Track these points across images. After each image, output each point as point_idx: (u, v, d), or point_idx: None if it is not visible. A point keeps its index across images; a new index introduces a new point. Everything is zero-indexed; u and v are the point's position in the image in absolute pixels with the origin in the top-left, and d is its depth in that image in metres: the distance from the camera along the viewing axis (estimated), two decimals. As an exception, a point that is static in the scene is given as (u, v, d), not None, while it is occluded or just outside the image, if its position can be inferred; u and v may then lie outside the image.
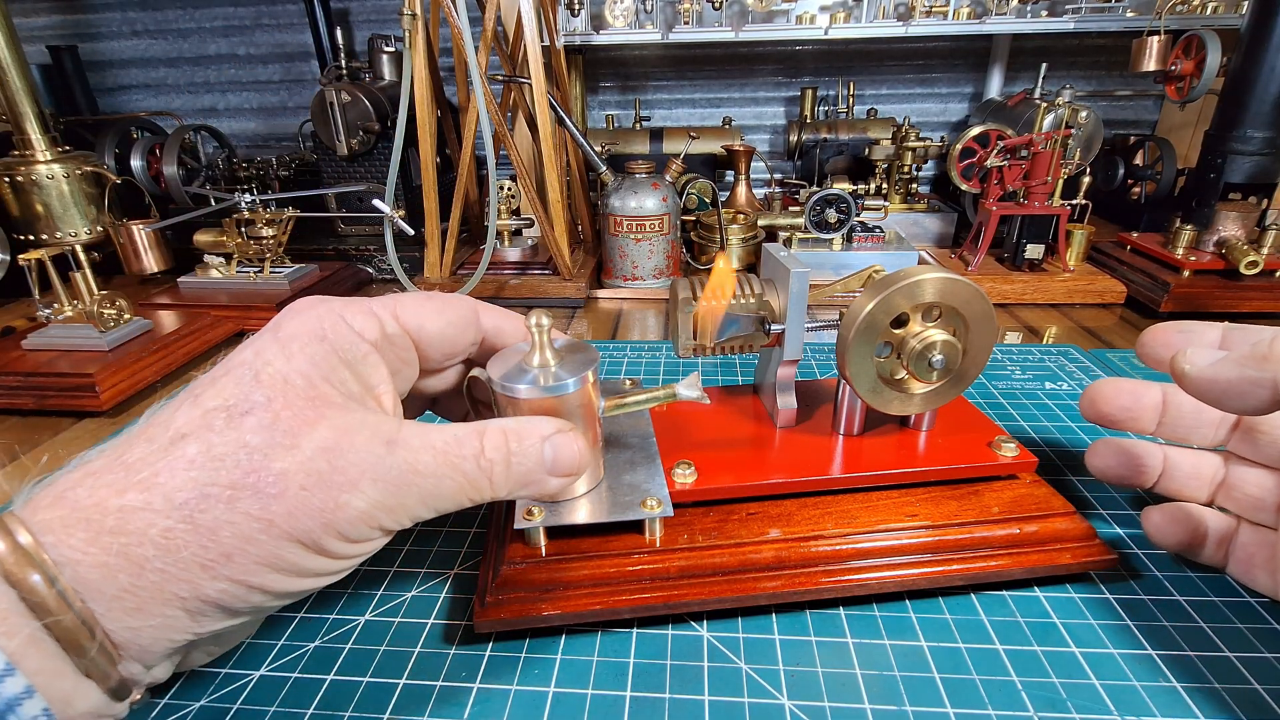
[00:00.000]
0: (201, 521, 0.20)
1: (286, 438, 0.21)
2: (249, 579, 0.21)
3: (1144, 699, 0.25)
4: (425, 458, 0.22)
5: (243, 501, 0.20)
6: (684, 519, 0.31)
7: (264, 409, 0.21)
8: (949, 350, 0.30)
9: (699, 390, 0.29)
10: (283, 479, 0.20)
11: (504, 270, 0.75)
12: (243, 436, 0.21)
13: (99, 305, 0.55)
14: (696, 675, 0.27)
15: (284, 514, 0.20)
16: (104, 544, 0.19)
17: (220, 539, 0.20)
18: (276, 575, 0.21)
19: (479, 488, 0.24)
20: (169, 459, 0.20)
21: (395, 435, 0.22)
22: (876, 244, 0.76)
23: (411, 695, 0.26)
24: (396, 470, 0.22)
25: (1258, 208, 0.66)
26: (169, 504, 0.20)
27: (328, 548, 0.21)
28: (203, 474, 0.20)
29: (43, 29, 1.13)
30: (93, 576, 0.19)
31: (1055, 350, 0.56)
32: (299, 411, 0.21)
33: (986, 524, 0.31)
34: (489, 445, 0.24)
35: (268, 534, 0.20)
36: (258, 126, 1.19)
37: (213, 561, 0.20)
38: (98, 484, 0.20)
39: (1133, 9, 0.89)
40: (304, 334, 0.23)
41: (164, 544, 0.19)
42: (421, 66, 0.66)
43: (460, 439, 0.23)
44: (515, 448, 0.24)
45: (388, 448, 0.22)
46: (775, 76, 1.10)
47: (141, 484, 0.20)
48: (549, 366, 0.27)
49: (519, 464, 0.24)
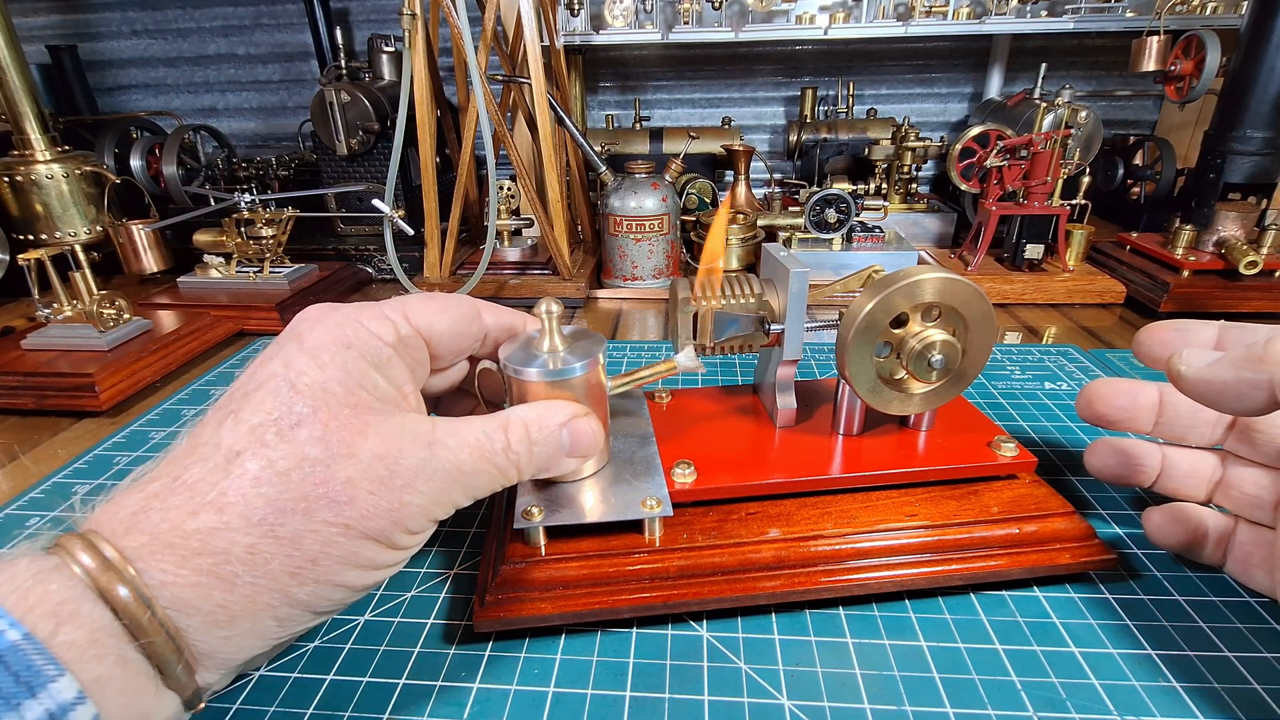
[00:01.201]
0: (283, 534, 0.21)
1: (342, 447, 0.22)
2: (334, 578, 0.22)
3: (1144, 699, 0.25)
4: (464, 455, 0.24)
5: (319, 511, 0.21)
6: (683, 519, 0.31)
7: (311, 420, 0.22)
8: (948, 350, 0.30)
9: (696, 360, 0.30)
10: (350, 486, 0.22)
11: (504, 270, 0.75)
12: (300, 450, 0.22)
13: (98, 305, 0.55)
14: (696, 675, 0.27)
15: (358, 517, 0.22)
16: (194, 565, 0.20)
17: (304, 547, 0.21)
18: (357, 571, 0.23)
19: (508, 475, 0.26)
20: (232, 478, 0.21)
21: (433, 436, 0.24)
22: (876, 244, 0.76)
23: (411, 695, 0.26)
24: (443, 470, 0.24)
25: (1257, 208, 0.66)
26: (247, 522, 0.21)
27: (397, 541, 0.23)
28: (272, 490, 0.21)
29: (42, 29, 1.12)
30: (188, 595, 0.20)
31: (1055, 350, 0.56)
32: (345, 421, 0.23)
33: (986, 524, 0.31)
34: (513, 438, 0.26)
35: (346, 536, 0.22)
36: (257, 126, 1.18)
37: (300, 568, 0.21)
38: (166, 507, 0.20)
39: (1132, 9, 0.89)
40: (330, 342, 0.24)
41: (250, 559, 0.20)
42: (421, 66, 0.66)
43: (490, 434, 0.25)
44: (536, 436, 0.26)
45: (430, 450, 0.24)
46: (775, 76, 1.10)
47: (213, 505, 0.21)
48: (558, 351, 0.28)
49: (540, 451, 0.26)
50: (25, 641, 0.17)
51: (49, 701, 0.17)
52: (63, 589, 0.18)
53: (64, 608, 0.18)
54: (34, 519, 0.37)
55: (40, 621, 0.17)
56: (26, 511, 0.38)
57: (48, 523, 0.37)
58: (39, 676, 0.17)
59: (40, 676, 0.17)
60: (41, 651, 0.17)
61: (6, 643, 0.17)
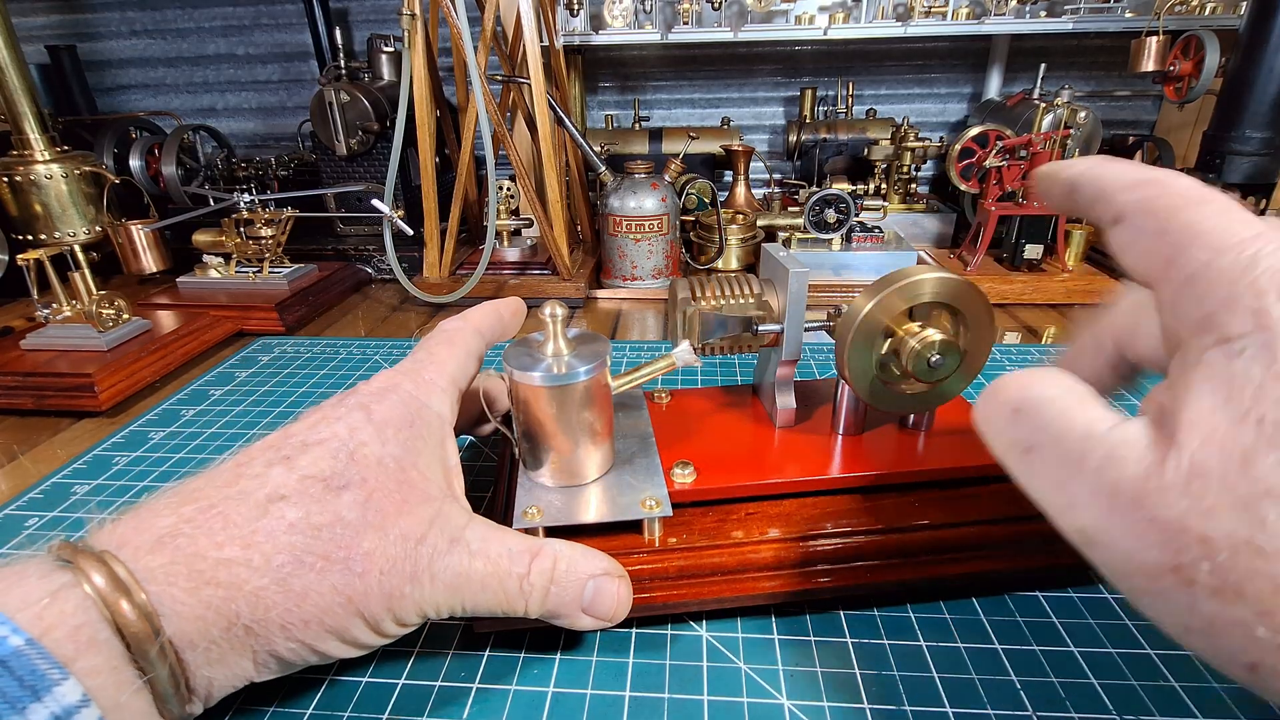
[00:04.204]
0: (292, 586, 0.21)
1: (377, 517, 0.22)
2: (316, 644, 0.22)
3: (1143, 699, 0.25)
4: (478, 565, 0.24)
5: (332, 575, 0.21)
6: (683, 519, 0.31)
7: (359, 487, 0.22)
8: (948, 350, 0.30)
9: (693, 355, 0.30)
10: (368, 560, 0.22)
11: (503, 270, 0.75)
12: (340, 511, 0.22)
13: (98, 305, 0.54)
14: (696, 675, 0.27)
15: (361, 593, 0.22)
16: (204, 596, 0.20)
17: (304, 606, 0.21)
18: (337, 643, 0.22)
19: (515, 605, 0.25)
20: (268, 519, 0.21)
21: (460, 534, 0.24)
22: (875, 244, 0.76)
23: (411, 695, 0.26)
24: (450, 571, 0.23)
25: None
26: (267, 564, 0.21)
27: (383, 628, 0.23)
28: (301, 540, 0.21)
29: (41, 29, 1.12)
30: (188, 629, 0.20)
31: (1054, 350, 0.56)
32: (389, 494, 0.23)
33: (985, 524, 0.30)
34: (535, 569, 0.24)
35: (344, 609, 0.22)
36: (257, 126, 1.18)
37: (291, 625, 0.21)
38: (195, 531, 0.21)
39: (1131, 9, 0.89)
40: (396, 419, 0.25)
41: (254, 602, 0.20)
42: (421, 66, 0.66)
43: (514, 555, 0.24)
44: (560, 578, 0.25)
45: (451, 545, 0.23)
46: (774, 77, 1.10)
47: (242, 540, 0.21)
48: (563, 355, 0.28)
49: (557, 594, 0.25)
50: (29, 646, 0.17)
51: (54, 705, 0.17)
52: (78, 610, 0.18)
53: (81, 632, 0.18)
54: (33, 519, 0.37)
55: (59, 645, 0.17)
56: (26, 512, 0.38)
57: (47, 523, 0.37)
58: (43, 680, 0.17)
59: (44, 680, 0.17)
60: (45, 656, 0.17)
61: (10, 648, 0.17)
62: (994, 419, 0.19)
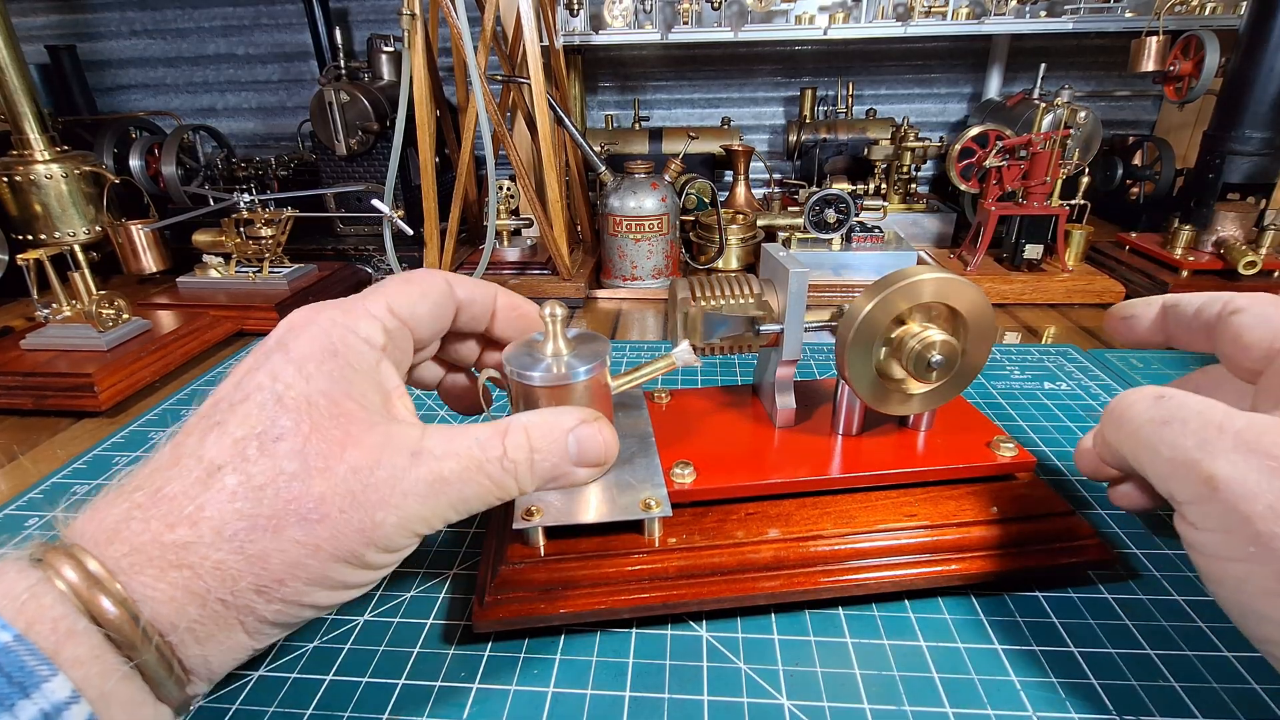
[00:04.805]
0: (251, 551, 0.20)
1: (319, 460, 0.21)
2: (300, 599, 0.21)
3: (1143, 698, 0.25)
4: (450, 464, 0.23)
5: (289, 529, 0.21)
6: (683, 519, 0.31)
7: (294, 434, 0.22)
8: (948, 350, 0.30)
9: (693, 355, 0.30)
10: (322, 503, 0.21)
11: (503, 270, 0.75)
12: (278, 464, 0.21)
13: (97, 305, 0.54)
14: (695, 675, 0.27)
15: (328, 537, 0.21)
16: (171, 579, 0.20)
17: (270, 566, 0.20)
18: (325, 592, 0.22)
19: (506, 488, 0.24)
20: (210, 492, 0.21)
21: (419, 445, 0.23)
22: (875, 244, 0.76)
23: (410, 695, 0.26)
24: (424, 482, 0.22)
25: (1256, 208, 0.66)
26: (219, 537, 0.20)
27: (370, 561, 0.22)
28: (246, 505, 0.20)
29: (41, 29, 1.12)
30: (164, 613, 0.19)
31: (1054, 350, 0.56)
32: (326, 433, 0.22)
33: (985, 524, 0.31)
34: (511, 446, 0.24)
35: (315, 558, 0.21)
36: (256, 126, 1.18)
37: (266, 587, 0.21)
38: (147, 518, 0.20)
39: (1131, 9, 0.89)
40: (317, 351, 0.23)
41: (219, 574, 0.20)
42: (420, 66, 0.66)
43: (483, 442, 0.23)
44: (538, 444, 0.24)
45: (412, 459, 0.22)
46: (774, 77, 1.10)
47: (189, 519, 0.20)
48: (563, 355, 0.28)
49: (542, 460, 0.24)
50: (17, 643, 0.17)
51: (43, 701, 0.16)
52: (55, 604, 0.18)
53: (61, 624, 0.18)
54: (33, 519, 0.37)
55: (42, 638, 0.17)
56: (26, 512, 0.38)
57: (47, 523, 0.37)
58: (32, 677, 0.17)
59: (33, 677, 0.17)
60: (33, 652, 0.17)
61: None
62: (1138, 401, 0.24)
